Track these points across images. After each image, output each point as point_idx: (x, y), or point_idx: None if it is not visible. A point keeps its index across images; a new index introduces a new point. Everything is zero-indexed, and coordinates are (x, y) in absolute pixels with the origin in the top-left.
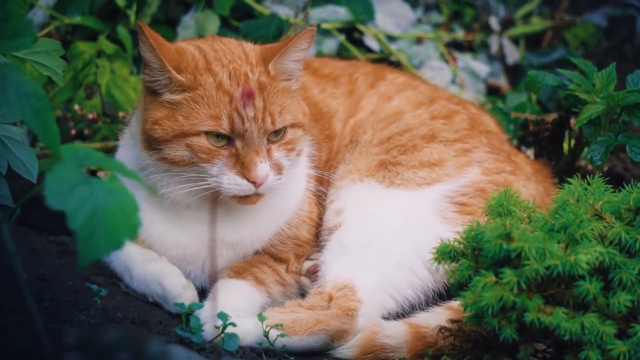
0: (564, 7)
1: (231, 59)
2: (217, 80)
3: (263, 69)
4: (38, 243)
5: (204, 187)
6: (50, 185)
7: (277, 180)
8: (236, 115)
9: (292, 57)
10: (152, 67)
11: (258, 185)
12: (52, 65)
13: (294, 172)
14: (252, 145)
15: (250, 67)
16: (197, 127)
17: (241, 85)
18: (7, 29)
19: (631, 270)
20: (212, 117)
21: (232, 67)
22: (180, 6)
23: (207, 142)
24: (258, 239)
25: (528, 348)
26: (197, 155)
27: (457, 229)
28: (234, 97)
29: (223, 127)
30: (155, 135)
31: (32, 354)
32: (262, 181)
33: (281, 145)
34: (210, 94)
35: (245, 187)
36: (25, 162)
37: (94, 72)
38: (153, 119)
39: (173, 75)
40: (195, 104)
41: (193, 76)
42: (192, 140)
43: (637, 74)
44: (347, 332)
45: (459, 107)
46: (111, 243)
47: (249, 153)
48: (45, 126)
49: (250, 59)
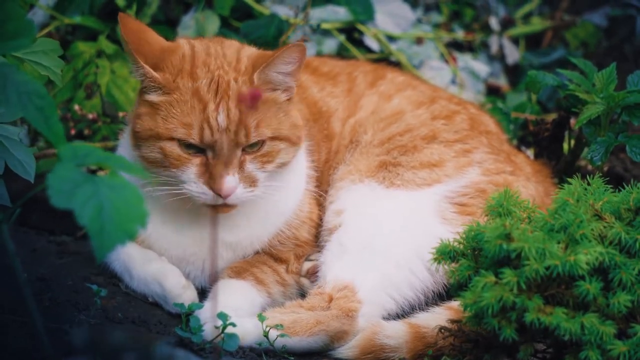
0: (564, 7)
1: (219, 65)
2: (195, 86)
3: (247, 78)
4: (38, 243)
5: (177, 192)
6: (53, 184)
7: (249, 192)
8: (206, 126)
9: (278, 69)
10: (131, 61)
11: (224, 197)
12: (51, 65)
13: (278, 183)
14: (222, 156)
15: (236, 74)
16: (170, 132)
17: (219, 94)
18: (7, 30)
19: (631, 271)
20: (184, 125)
21: (216, 73)
22: (180, 6)
23: (179, 148)
24: (257, 240)
25: (528, 348)
26: (168, 160)
27: (457, 230)
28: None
29: (192, 137)
30: (136, 129)
31: (32, 354)
32: (227, 193)
33: (257, 157)
34: (185, 100)
35: (211, 197)
36: (23, 161)
37: (94, 72)
38: (137, 113)
39: (147, 71)
40: (171, 108)
41: (173, 78)
42: (164, 144)
43: (637, 74)
44: (347, 333)
45: (460, 107)
46: (124, 233)
47: (217, 164)
48: (49, 124)
49: (240, 65)
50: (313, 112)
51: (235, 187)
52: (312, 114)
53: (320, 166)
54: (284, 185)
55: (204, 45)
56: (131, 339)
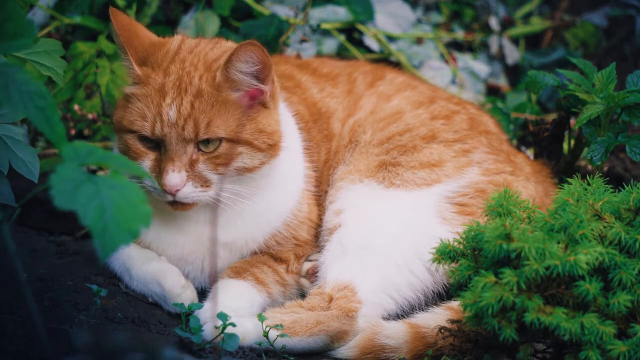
0: (564, 7)
1: (195, 62)
2: (163, 81)
3: (210, 76)
4: (38, 243)
5: (140, 185)
6: (56, 185)
7: (201, 192)
8: (158, 120)
9: (237, 67)
10: (120, 54)
11: (168, 192)
12: (53, 65)
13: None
14: (170, 152)
15: (203, 72)
16: (130, 124)
17: (180, 91)
18: (7, 30)
19: (631, 271)
20: (141, 117)
21: (187, 70)
22: (180, 6)
23: (138, 141)
24: (252, 240)
25: (528, 348)
26: (130, 152)
27: (457, 230)
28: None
29: (145, 130)
30: (113, 121)
31: (32, 354)
32: (170, 190)
33: (210, 158)
34: (149, 94)
35: (160, 193)
36: (27, 161)
37: (94, 72)
38: (116, 105)
39: (132, 64)
40: (137, 101)
41: (149, 72)
42: (127, 137)
43: (637, 74)
44: (347, 333)
45: (459, 107)
46: (127, 233)
47: (166, 160)
48: (50, 124)
49: (215, 64)
50: (312, 112)
51: (181, 185)
52: (312, 114)
53: (320, 166)
54: (272, 187)
55: (194, 43)
56: (133, 340)
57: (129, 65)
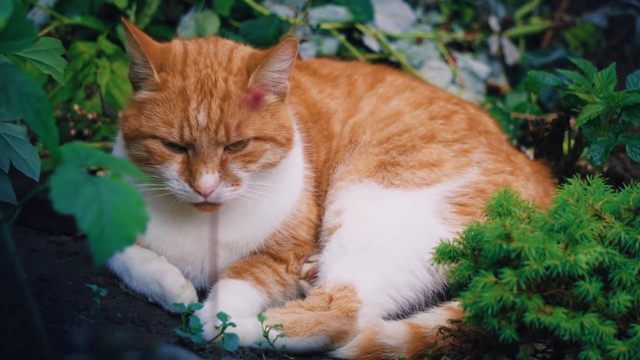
0: (564, 7)
1: (209, 64)
2: (183, 84)
3: (239, 79)
4: (38, 243)
5: (160, 189)
6: (56, 188)
7: (232, 191)
8: (186, 125)
9: (273, 67)
10: (137, 63)
11: (203, 195)
12: (53, 64)
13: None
14: (201, 155)
15: (226, 74)
16: (152, 130)
17: (206, 94)
18: (8, 30)
19: (631, 271)
20: (165, 124)
21: (204, 72)
22: (180, 6)
23: (162, 146)
24: (253, 240)
25: (528, 348)
26: (152, 157)
27: (457, 230)
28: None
29: (173, 136)
30: (124, 131)
31: (32, 354)
32: (206, 192)
33: (239, 157)
34: (170, 98)
35: (192, 195)
36: (28, 160)
37: (94, 72)
38: (124, 115)
39: (153, 71)
40: (156, 106)
41: (167, 76)
42: (148, 142)
43: (637, 74)
44: (347, 333)
45: (458, 108)
46: (123, 239)
47: (197, 162)
48: (45, 127)
49: (232, 65)
50: (312, 113)
51: (215, 186)
52: (312, 114)
53: (319, 166)
54: (278, 186)
55: (197, 44)
56: (132, 339)
57: (149, 73)
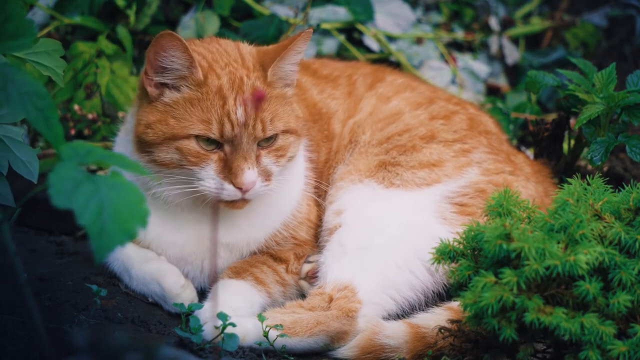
0: (564, 7)
1: (227, 62)
2: (219, 83)
3: (259, 75)
4: (38, 243)
5: (192, 190)
6: (54, 184)
7: (265, 186)
8: (227, 121)
9: (290, 60)
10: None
11: (244, 191)
12: (53, 65)
13: (285, 178)
14: (241, 151)
15: (246, 71)
16: (187, 130)
17: (237, 91)
18: (8, 30)
19: (631, 271)
20: (203, 121)
21: (228, 70)
22: (180, 6)
23: (197, 145)
24: (254, 240)
25: (528, 348)
26: (186, 158)
27: (457, 230)
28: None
29: (213, 132)
30: (147, 138)
31: (32, 354)
32: (249, 188)
33: (271, 151)
34: (207, 97)
35: (231, 192)
36: (26, 162)
37: (94, 72)
38: (146, 122)
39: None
40: (191, 106)
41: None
42: (181, 143)
43: (637, 74)
44: (348, 333)
45: (458, 108)
46: (124, 233)
47: (237, 159)
48: (49, 124)
49: (247, 62)
50: (312, 113)
51: (255, 182)
52: (312, 115)
53: (320, 166)
54: (283, 185)
55: (203, 45)
56: (132, 339)
57: (190, 72)
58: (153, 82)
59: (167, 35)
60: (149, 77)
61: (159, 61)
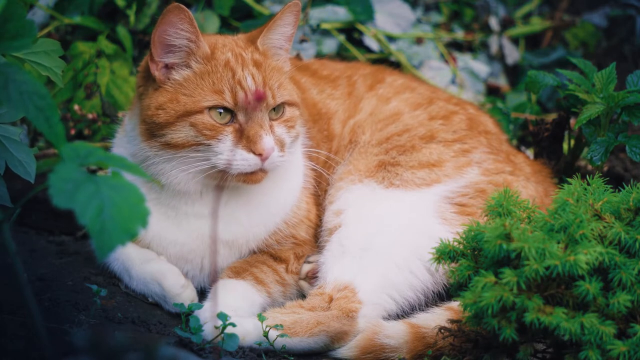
0: (564, 7)
1: (224, 44)
2: (225, 57)
3: (253, 49)
4: (38, 243)
5: (209, 167)
6: (55, 184)
7: (280, 157)
8: (239, 88)
9: (278, 31)
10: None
11: (264, 158)
12: (52, 65)
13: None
14: (256, 119)
15: (242, 49)
16: (200, 102)
17: (242, 63)
18: (8, 30)
19: (631, 271)
20: (215, 92)
21: (228, 48)
22: None
23: (211, 118)
24: (254, 238)
25: (528, 348)
26: (201, 133)
27: (457, 230)
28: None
29: (227, 101)
30: (159, 120)
31: (32, 354)
32: (269, 153)
33: (281, 122)
34: (216, 69)
35: (252, 161)
36: (23, 162)
37: (94, 72)
38: (156, 104)
39: (203, 43)
40: (200, 80)
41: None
42: (196, 119)
43: (637, 74)
44: (348, 334)
45: (458, 108)
46: (124, 233)
47: (253, 126)
48: (50, 124)
49: (240, 43)
50: (312, 113)
51: (273, 148)
52: (312, 115)
53: (319, 166)
54: (280, 180)
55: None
56: (132, 339)
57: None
58: (160, 65)
59: (175, 8)
60: (156, 61)
61: (166, 38)
